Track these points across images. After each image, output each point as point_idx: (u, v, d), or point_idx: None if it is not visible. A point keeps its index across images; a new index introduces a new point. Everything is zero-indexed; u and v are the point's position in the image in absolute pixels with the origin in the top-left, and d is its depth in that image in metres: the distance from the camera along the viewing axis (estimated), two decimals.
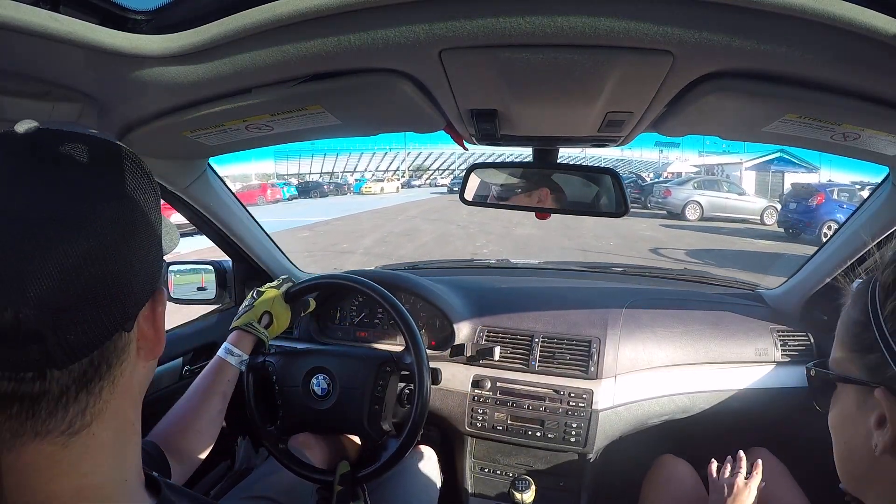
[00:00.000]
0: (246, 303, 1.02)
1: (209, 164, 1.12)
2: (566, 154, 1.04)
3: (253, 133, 0.77)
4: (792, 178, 19.15)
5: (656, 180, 19.43)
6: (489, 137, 0.83)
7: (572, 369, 1.24)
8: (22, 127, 0.33)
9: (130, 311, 0.34)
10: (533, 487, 1.17)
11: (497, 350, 1.26)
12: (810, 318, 1.31)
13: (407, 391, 1.06)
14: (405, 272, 1.54)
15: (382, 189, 28.98)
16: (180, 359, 1.30)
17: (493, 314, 1.35)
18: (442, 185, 31.67)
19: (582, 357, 1.24)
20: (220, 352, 0.94)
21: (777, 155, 20.73)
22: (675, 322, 1.32)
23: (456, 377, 1.29)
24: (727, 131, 0.78)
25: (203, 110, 0.67)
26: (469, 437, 1.34)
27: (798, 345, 1.28)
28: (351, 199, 25.07)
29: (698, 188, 12.92)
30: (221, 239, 1.32)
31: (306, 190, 28.23)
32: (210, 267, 1.45)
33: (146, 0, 0.48)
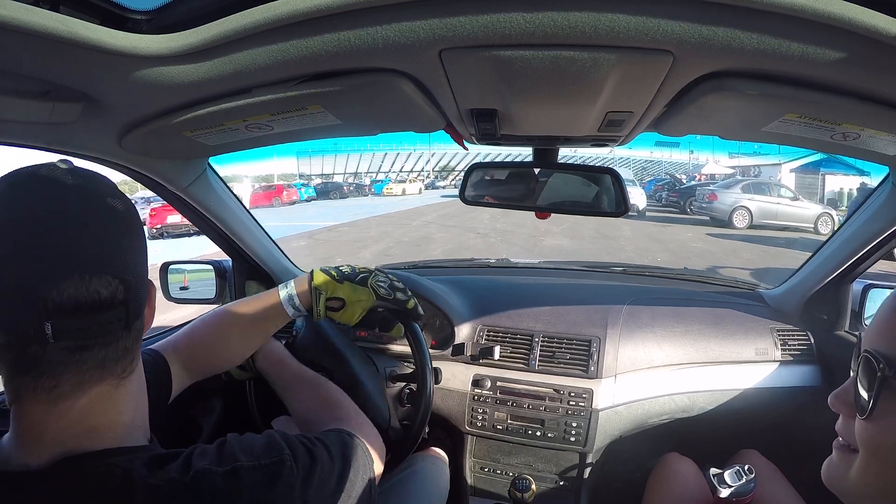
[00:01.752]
0: (351, 271, 0.88)
1: (209, 164, 1.12)
2: (588, 154, 1.03)
3: (253, 133, 0.77)
4: (837, 182, 17.30)
5: (690, 183, 18.16)
6: (489, 137, 0.83)
7: (572, 369, 1.24)
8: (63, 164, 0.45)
9: (147, 288, 0.47)
10: (533, 487, 1.17)
11: (497, 349, 1.26)
12: (811, 317, 1.31)
13: (407, 391, 1.06)
14: (405, 272, 1.54)
15: (404, 191, 27.61)
16: None
17: (494, 313, 1.35)
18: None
19: (582, 356, 1.24)
20: (283, 295, 0.82)
21: (825, 156, 17.49)
22: (676, 321, 1.32)
23: (456, 377, 1.29)
24: (727, 131, 0.78)
25: (203, 110, 0.67)
26: (469, 437, 1.34)
27: (798, 344, 1.28)
28: (370, 201, 23.92)
29: (746, 192, 11.51)
30: (221, 238, 1.32)
31: (325, 191, 27.11)
32: (210, 267, 1.45)
33: (146, 0, 0.48)
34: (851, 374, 0.46)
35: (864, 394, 0.42)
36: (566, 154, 0.96)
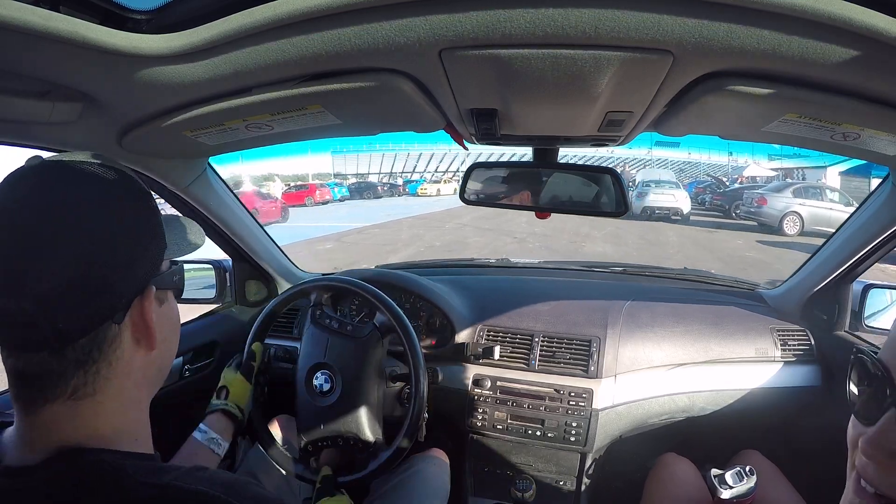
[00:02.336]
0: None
1: (209, 164, 1.12)
2: (623, 155, 1.02)
3: (253, 132, 0.77)
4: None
5: (734, 185, 16.87)
6: (489, 137, 0.83)
7: (572, 368, 1.24)
8: (31, 162, 0.41)
9: (116, 306, 0.42)
10: (534, 487, 1.17)
11: (497, 349, 1.26)
12: (811, 317, 1.31)
13: (407, 390, 1.06)
14: (405, 272, 1.54)
15: (439, 191, 25.98)
16: (180, 358, 1.30)
17: (494, 313, 1.35)
18: None
19: (582, 356, 1.24)
20: (194, 432, 0.89)
21: None
22: (676, 321, 1.32)
23: (456, 376, 1.29)
24: (727, 131, 0.78)
25: (203, 110, 0.67)
26: (469, 437, 1.34)
27: (798, 344, 1.28)
28: (403, 201, 22.92)
29: (797, 196, 10.72)
30: (221, 238, 1.32)
31: (359, 190, 26.11)
32: (210, 266, 1.45)
33: (146, 0, 0.48)
34: (887, 413, 0.36)
35: None
36: (593, 154, 0.95)
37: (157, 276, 0.45)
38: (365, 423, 0.99)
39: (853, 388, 0.42)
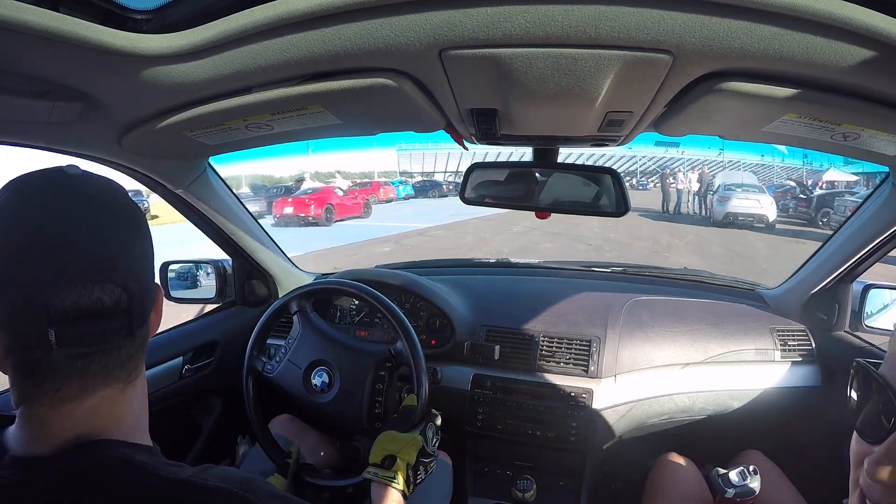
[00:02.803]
0: None
1: (209, 164, 1.12)
2: (696, 158, 0.99)
3: (253, 132, 0.77)
4: None
5: (817, 192, 14.52)
6: (489, 137, 0.83)
7: (572, 369, 1.24)
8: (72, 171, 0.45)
9: (153, 294, 0.48)
10: (534, 487, 1.17)
11: (497, 349, 1.26)
12: (811, 318, 1.31)
13: (407, 389, 1.06)
14: (405, 271, 1.54)
15: None
16: (180, 358, 1.30)
17: (494, 313, 1.35)
18: None
19: (582, 356, 1.24)
20: None
21: None
22: (676, 322, 1.32)
23: (456, 377, 1.29)
24: (727, 131, 0.78)
25: (203, 110, 0.67)
26: (469, 437, 1.34)
27: (798, 345, 1.28)
28: None
29: None
30: (221, 238, 1.32)
31: (424, 189, 24.74)
32: (210, 266, 1.45)
33: None
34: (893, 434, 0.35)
35: None
36: (662, 156, 0.92)
37: None
38: (364, 422, 0.99)
39: (854, 399, 0.41)
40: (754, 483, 0.95)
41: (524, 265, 1.78)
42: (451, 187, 25.65)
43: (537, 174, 0.98)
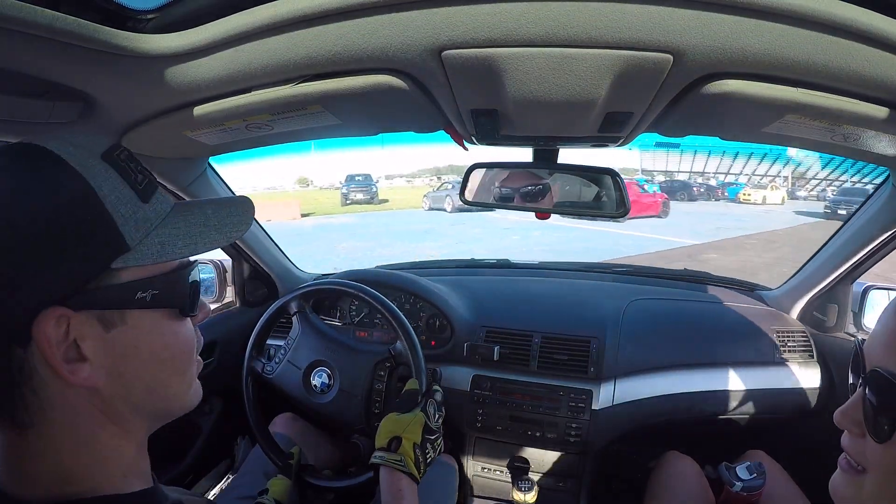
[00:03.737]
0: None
1: (209, 164, 1.12)
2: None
3: (253, 132, 0.77)
4: None
5: None
6: (489, 137, 0.83)
7: (572, 369, 1.24)
8: None
9: (9, 329, 0.33)
10: (535, 488, 1.17)
11: (497, 350, 1.26)
12: (811, 318, 1.31)
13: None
14: (405, 272, 1.54)
15: (765, 198, 20.44)
16: None
17: (493, 314, 1.35)
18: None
19: (582, 357, 1.24)
20: None
21: None
22: (675, 322, 1.32)
23: (456, 377, 1.29)
24: (727, 132, 0.78)
25: (203, 109, 0.67)
26: (469, 438, 1.34)
27: (798, 345, 1.28)
28: (724, 207, 18.55)
29: None
30: None
31: (671, 190, 21.88)
32: (210, 266, 1.45)
33: None
34: (857, 389, 0.44)
35: (877, 414, 0.40)
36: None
37: (93, 293, 0.35)
38: (364, 422, 0.99)
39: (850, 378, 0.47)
40: (761, 478, 0.96)
41: (524, 265, 1.78)
42: (701, 190, 23.10)
43: (537, 175, 0.98)
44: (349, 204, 17.76)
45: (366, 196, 18.18)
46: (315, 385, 1.02)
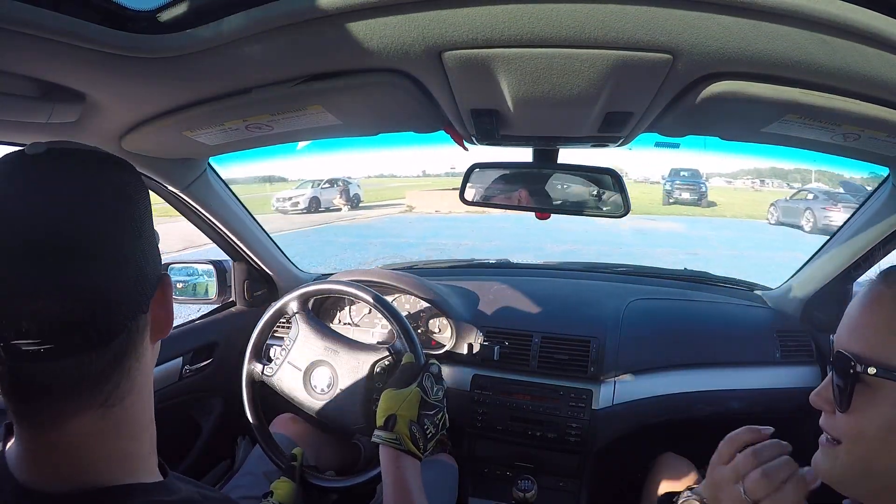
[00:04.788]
0: None
1: (209, 164, 1.12)
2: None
3: (253, 133, 0.77)
4: None
5: None
6: (489, 137, 0.83)
7: (572, 369, 1.24)
8: (36, 149, 0.38)
9: (147, 294, 0.39)
10: (535, 487, 1.17)
11: (497, 350, 1.26)
12: (810, 318, 1.31)
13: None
14: (405, 272, 1.54)
15: None
16: (180, 358, 1.30)
17: (493, 314, 1.35)
18: None
19: (581, 357, 1.24)
20: None
21: None
22: (675, 322, 1.32)
23: (456, 377, 1.29)
24: (727, 132, 0.78)
25: (203, 110, 0.67)
26: (470, 438, 1.34)
27: (798, 345, 1.28)
28: None
29: None
30: (221, 238, 1.32)
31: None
32: (210, 266, 1.45)
33: (146, 0, 0.48)
34: (829, 372, 0.50)
35: (841, 390, 0.47)
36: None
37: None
38: (364, 422, 0.99)
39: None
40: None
41: (524, 265, 1.78)
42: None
43: (537, 174, 0.98)
44: (672, 203, 14.69)
45: (692, 196, 14.88)
46: (315, 386, 1.02)
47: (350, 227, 11.69)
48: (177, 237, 5.32)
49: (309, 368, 1.03)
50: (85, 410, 0.36)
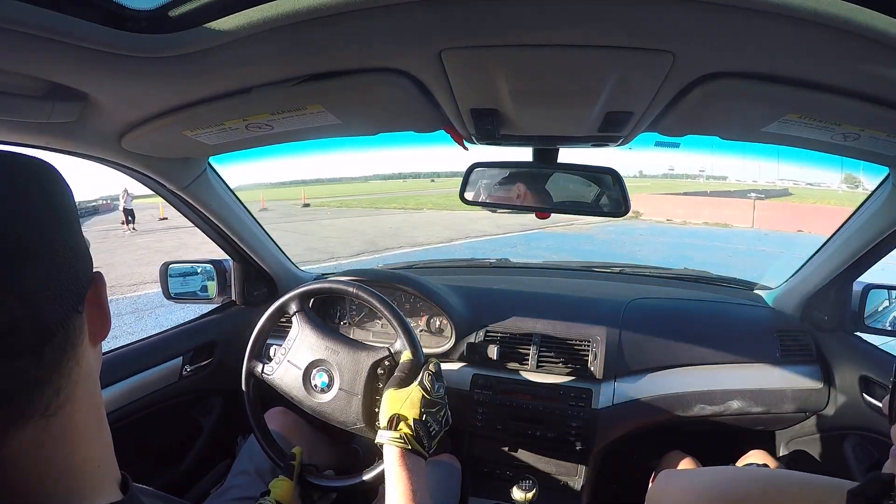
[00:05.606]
0: None
1: (209, 164, 1.12)
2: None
3: (253, 132, 0.77)
4: None
5: None
6: (489, 137, 0.83)
7: (572, 369, 1.24)
8: None
9: (80, 294, 0.37)
10: (536, 487, 1.17)
11: (497, 350, 1.26)
12: (810, 318, 1.31)
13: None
14: (405, 271, 1.54)
15: None
16: (180, 358, 1.30)
17: (493, 314, 1.35)
18: None
19: (581, 357, 1.24)
20: None
21: None
22: (675, 322, 1.32)
23: (455, 377, 1.29)
24: (727, 131, 0.78)
25: (203, 109, 0.67)
26: (469, 437, 1.34)
27: (798, 345, 1.28)
28: None
29: None
30: (221, 238, 1.32)
31: None
32: (210, 266, 1.45)
33: None
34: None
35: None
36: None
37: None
38: (364, 422, 0.99)
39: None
40: None
41: (524, 265, 1.78)
42: None
43: (538, 174, 0.98)
44: None
45: None
46: (315, 384, 1.02)
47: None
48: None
49: (309, 368, 1.03)
50: (26, 421, 0.33)
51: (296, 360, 1.05)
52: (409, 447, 0.75)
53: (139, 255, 9.76)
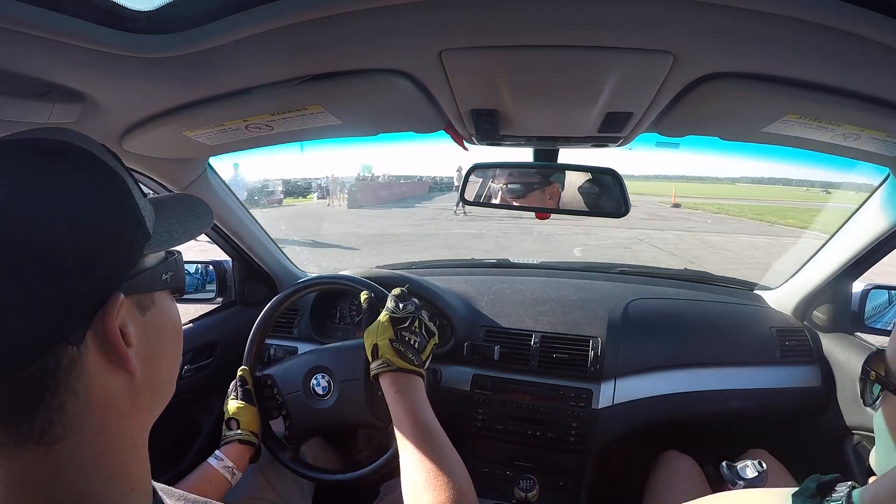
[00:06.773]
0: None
1: (209, 164, 1.12)
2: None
3: (253, 133, 0.77)
4: None
5: None
6: (489, 137, 0.83)
7: (572, 369, 1.24)
8: None
9: (68, 324, 0.32)
10: (537, 487, 1.16)
11: (497, 350, 1.26)
12: (810, 318, 1.31)
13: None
14: (405, 271, 1.54)
15: None
16: (180, 359, 1.30)
17: (493, 314, 1.35)
18: None
19: (582, 357, 1.24)
20: (210, 458, 0.90)
21: None
22: (675, 322, 1.32)
23: (456, 377, 1.29)
24: (728, 131, 0.78)
25: (203, 110, 0.67)
26: (469, 437, 1.34)
27: (798, 345, 1.28)
28: None
29: None
30: (221, 238, 1.32)
31: None
32: (210, 266, 1.45)
33: (146, 0, 0.48)
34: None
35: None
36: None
37: (134, 279, 0.36)
38: (366, 420, 0.98)
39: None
40: (762, 476, 0.96)
41: (524, 265, 1.78)
42: None
43: (537, 175, 0.98)
44: None
45: None
46: (315, 389, 1.02)
47: None
48: None
49: (309, 373, 1.02)
50: (23, 444, 0.32)
51: (295, 364, 1.04)
52: (395, 367, 0.76)
53: None
